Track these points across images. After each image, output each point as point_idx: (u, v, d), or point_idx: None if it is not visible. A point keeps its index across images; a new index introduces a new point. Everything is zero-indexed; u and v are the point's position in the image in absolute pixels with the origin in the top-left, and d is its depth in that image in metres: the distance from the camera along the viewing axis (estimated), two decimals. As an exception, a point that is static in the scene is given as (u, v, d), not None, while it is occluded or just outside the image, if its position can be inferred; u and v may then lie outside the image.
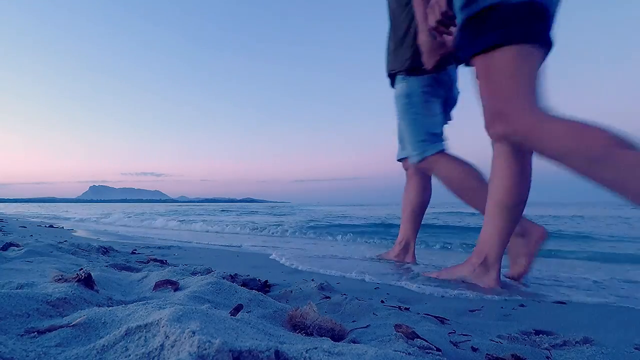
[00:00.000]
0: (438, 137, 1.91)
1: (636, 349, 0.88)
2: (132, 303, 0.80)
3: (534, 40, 1.18)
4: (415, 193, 2.16)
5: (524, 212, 1.53)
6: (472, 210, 1.87)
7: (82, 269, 1.05)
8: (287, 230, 5.64)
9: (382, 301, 1.30)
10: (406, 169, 2.20)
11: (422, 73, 1.83)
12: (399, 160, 2.25)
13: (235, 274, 1.48)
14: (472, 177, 1.80)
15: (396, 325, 0.83)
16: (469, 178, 1.80)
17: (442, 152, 1.87)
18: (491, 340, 0.89)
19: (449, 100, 2.01)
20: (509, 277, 1.81)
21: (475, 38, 1.25)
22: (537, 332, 1.04)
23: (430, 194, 2.21)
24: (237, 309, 0.74)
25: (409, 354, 0.67)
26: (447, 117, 2.04)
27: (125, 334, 0.54)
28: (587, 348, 0.85)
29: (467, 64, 1.39)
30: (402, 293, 1.52)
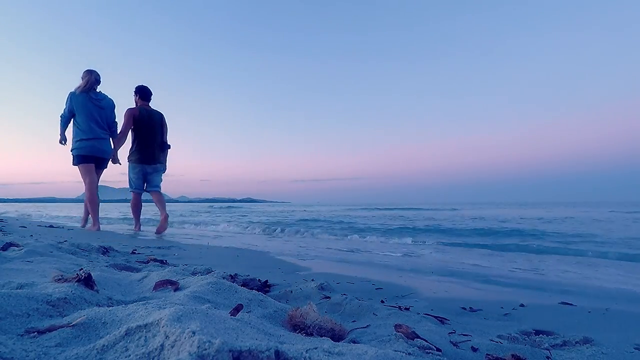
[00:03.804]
0: (138, 187, 4.70)
1: (636, 349, 0.88)
2: (132, 303, 0.80)
3: (80, 163, 4.18)
4: (137, 202, 4.86)
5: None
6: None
7: (82, 269, 1.05)
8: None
9: (382, 301, 1.30)
10: (131, 191, 4.85)
11: (132, 161, 4.63)
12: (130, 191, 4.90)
13: (235, 274, 1.48)
14: (136, 204, 4.89)
15: (396, 325, 0.83)
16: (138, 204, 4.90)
17: (136, 193, 4.74)
18: (491, 340, 0.89)
19: (149, 174, 4.71)
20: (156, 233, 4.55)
21: (73, 160, 4.28)
22: (537, 332, 1.04)
23: (141, 204, 5.02)
24: (237, 309, 0.74)
25: (409, 354, 0.67)
26: (157, 176, 4.75)
27: (125, 334, 0.55)
28: (587, 348, 0.85)
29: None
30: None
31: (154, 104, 4.84)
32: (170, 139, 4.88)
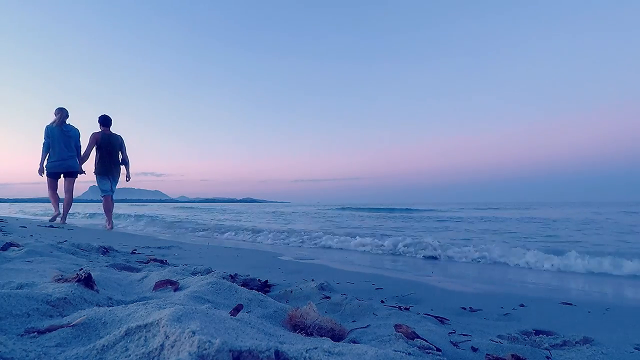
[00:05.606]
0: (106, 191, 5.94)
1: (636, 349, 0.88)
2: (132, 303, 0.80)
3: (47, 177, 5.83)
4: (108, 203, 5.99)
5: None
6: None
7: (82, 269, 1.05)
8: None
9: (382, 301, 1.30)
10: (101, 196, 6.00)
11: (97, 174, 5.94)
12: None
13: (235, 274, 1.48)
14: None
15: (396, 325, 0.83)
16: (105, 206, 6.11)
17: (105, 195, 5.94)
18: (491, 340, 0.89)
19: (113, 180, 6.03)
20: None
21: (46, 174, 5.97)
22: (537, 332, 1.04)
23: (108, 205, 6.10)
24: (237, 309, 0.74)
25: (409, 354, 0.67)
26: (114, 185, 6.01)
27: (125, 334, 0.55)
28: (587, 348, 0.85)
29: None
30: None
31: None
32: (169, 138, 5.45)
